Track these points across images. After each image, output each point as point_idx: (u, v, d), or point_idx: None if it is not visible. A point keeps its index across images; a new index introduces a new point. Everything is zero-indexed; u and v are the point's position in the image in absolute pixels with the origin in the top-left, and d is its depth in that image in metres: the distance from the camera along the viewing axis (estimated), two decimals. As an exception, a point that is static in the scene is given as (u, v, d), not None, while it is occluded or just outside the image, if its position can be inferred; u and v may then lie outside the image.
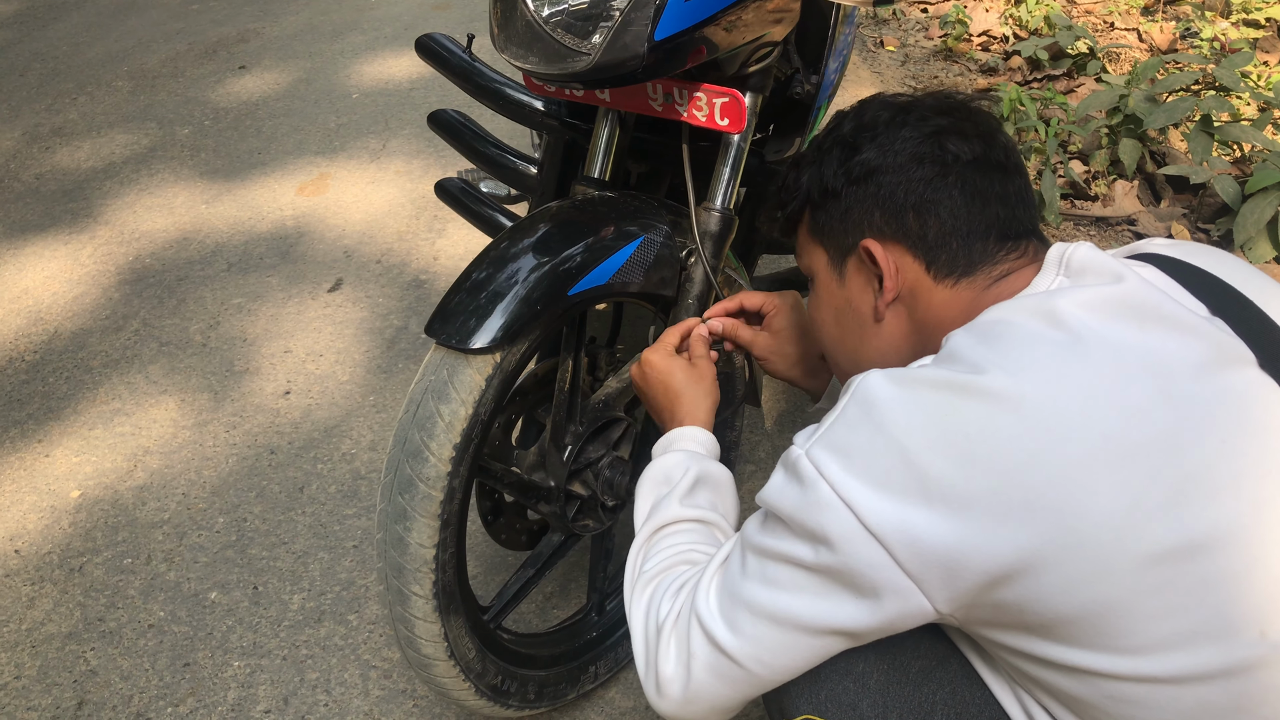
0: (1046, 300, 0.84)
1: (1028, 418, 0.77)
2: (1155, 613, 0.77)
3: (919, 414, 0.80)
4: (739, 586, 0.89)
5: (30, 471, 2.16)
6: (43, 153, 3.54)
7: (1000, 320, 0.85)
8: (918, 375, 0.83)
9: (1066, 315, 0.82)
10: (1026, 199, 1.01)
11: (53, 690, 1.70)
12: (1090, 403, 0.78)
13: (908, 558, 0.79)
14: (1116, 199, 2.97)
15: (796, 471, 0.84)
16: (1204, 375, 0.80)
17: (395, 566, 1.25)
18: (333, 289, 2.70)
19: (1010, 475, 0.77)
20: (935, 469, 0.78)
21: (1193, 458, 0.77)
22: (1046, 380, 0.79)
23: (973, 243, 0.97)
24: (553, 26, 1.17)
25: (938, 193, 0.98)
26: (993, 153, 0.99)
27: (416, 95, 3.82)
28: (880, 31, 4.44)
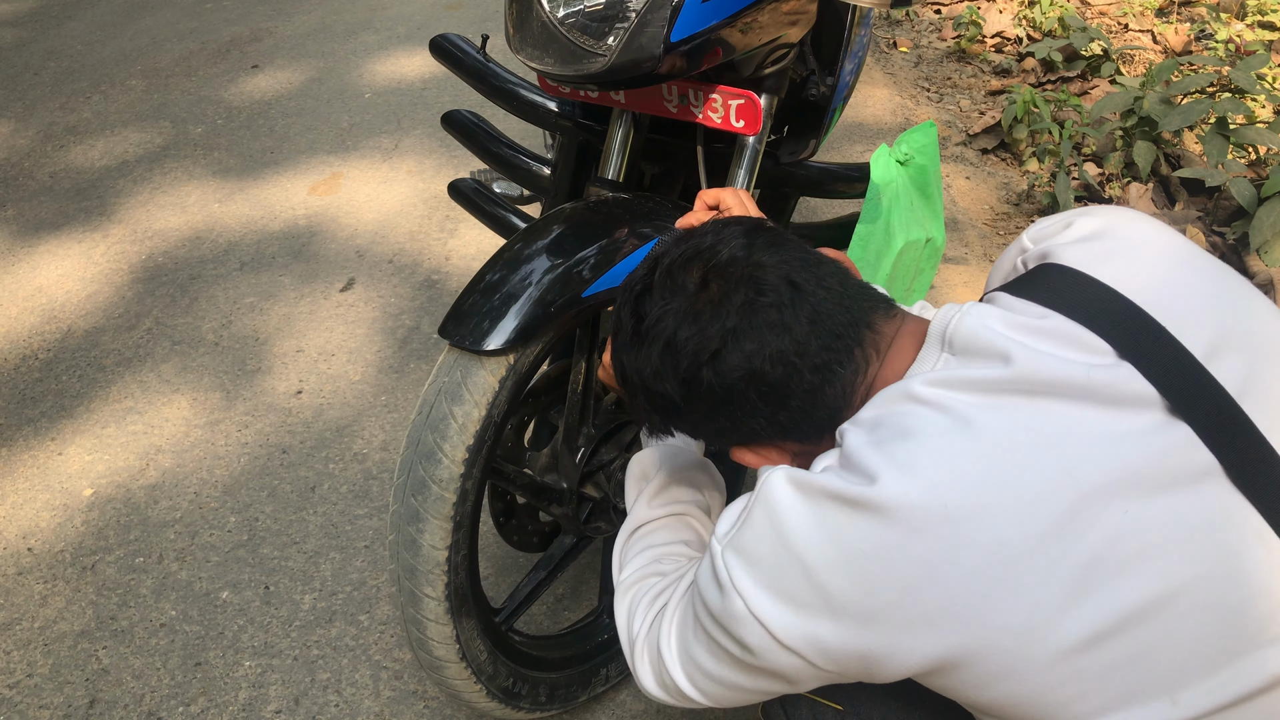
0: (931, 388, 0.81)
1: (921, 532, 0.76)
2: (1069, 698, 0.77)
3: (818, 530, 0.79)
4: (691, 647, 0.93)
5: (44, 470, 2.16)
6: (57, 151, 3.55)
7: (891, 413, 0.82)
8: (818, 485, 0.80)
9: (953, 404, 0.80)
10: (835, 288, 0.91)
11: (65, 689, 1.70)
12: (982, 501, 0.76)
13: (824, 663, 0.81)
14: (1131, 201, 2.96)
15: (714, 571, 0.85)
16: (1105, 442, 0.77)
17: (408, 568, 1.25)
18: (345, 288, 2.71)
19: (909, 593, 0.77)
20: (836, 586, 0.78)
21: (1094, 536, 0.75)
22: (936, 484, 0.77)
23: (816, 406, 0.91)
24: (568, 28, 1.17)
25: (748, 399, 0.91)
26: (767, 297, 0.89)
27: (429, 95, 3.82)
28: (894, 33, 4.43)
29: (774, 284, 0.89)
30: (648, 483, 1.18)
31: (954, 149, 3.38)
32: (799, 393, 0.89)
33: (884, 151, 1.69)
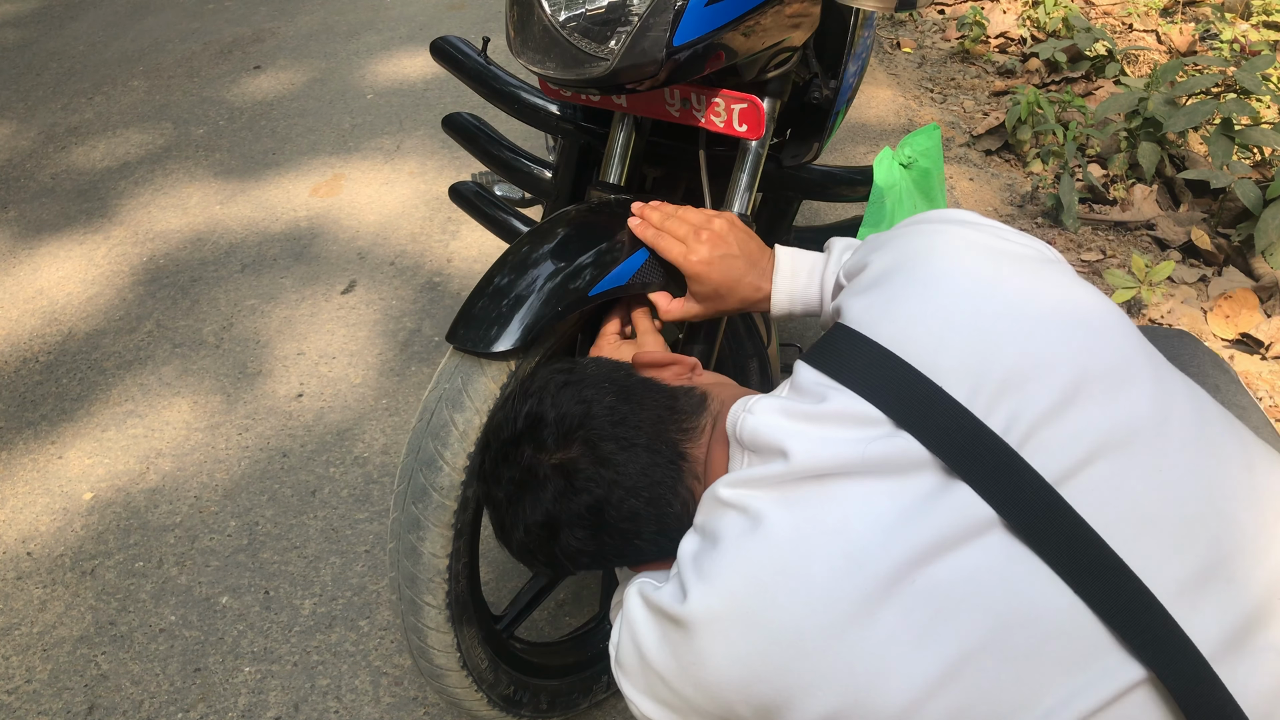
0: (730, 489, 0.87)
1: (728, 635, 0.82)
2: None
3: (662, 647, 0.87)
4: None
5: (43, 473, 2.16)
6: (58, 152, 3.55)
7: (706, 519, 0.89)
8: (656, 603, 0.88)
9: (749, 502, 0.85)
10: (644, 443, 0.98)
11: (63, 694, 1.70)
12: (777, 599, 0.80)
13: None
14: (1135, 203, 2.95)
15: (614, 674, 0.96)
16: (889, 517, 0.80)
17: (408, 576, 1.24)
18: (346, 291, 2.70)
19: (745, 690, 0.82)
20: (688, 693, 0.86)
21: (888, 615, 0.78)
22: (735, 591, 0.82)
23: (664, 536, 0.99)
24: (570, 31, 1.15)
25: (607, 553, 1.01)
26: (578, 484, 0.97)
27: (431, 96, 3.81)
28: (897, 33, 4.41)
29: (583, 469, 0.96)
30: None
31: (958, 150, 3.37)
32: (642, 538, 0.98)
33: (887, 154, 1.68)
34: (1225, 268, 2.67)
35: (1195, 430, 0.81)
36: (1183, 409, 0.82)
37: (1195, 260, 2.76)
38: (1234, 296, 2.49)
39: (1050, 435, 0.79)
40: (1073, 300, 0.87)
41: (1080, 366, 0.81)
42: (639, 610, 0.90)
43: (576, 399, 0.98)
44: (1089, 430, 0.79)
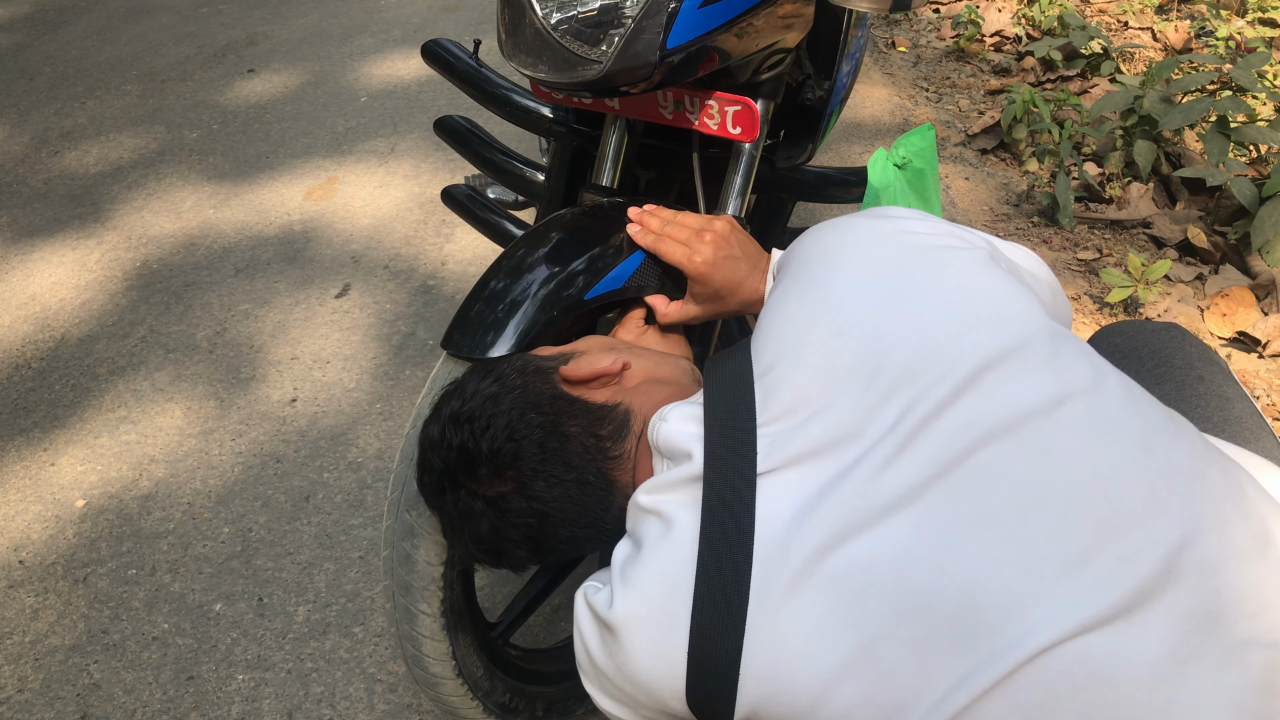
0: (647, 495, 0.92)
1: (654, 637, 0.87)
2: None
3: (601, 651, 0.92)
4: None
5: (36, 480, 2.14)
6: (51, 157, 3.53)
7: (632, 525, 0.94)
8: (596, 609, 0.92)
9: (663, 506, 0.90)
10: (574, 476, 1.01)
11: (56, 704, 1.68)
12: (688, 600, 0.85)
13: None
14: (1131, 201, 2.94)
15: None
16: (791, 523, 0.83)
17: (403, 584, 1.23)
18: (340, 294, 2.69)
19: (668, 692, 0.88)
20: (629, 689, 0.90)
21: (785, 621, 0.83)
22: (652, 594, 0.87)
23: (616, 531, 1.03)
24: (562, 34, 1.14)
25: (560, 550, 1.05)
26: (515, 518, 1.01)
27: (425, 98, 3.80)
28: (892, 32, 4.41)
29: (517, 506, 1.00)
30: None
31: (953, 149, 3.36)
32: (589, 546, 1.05)
33: (881, 155, 1.67)
34: (1222, 266, 2.66)
35: (1090, 414, 0.83)
36: (1080, 393, 0.83)
37: (1192, 258, 2.75)
38: (1230, 295, 2.49)
39: (943, 425, 0.82)
40: (975, 289, 0.89)
41: (975, 357, 0.84)
42: (584, 614, 0.94)
43: (507, 434, 0.99)
44: (980, 418, 0.82)
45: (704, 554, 0.85)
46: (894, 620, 0.79)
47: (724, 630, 0.83)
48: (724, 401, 0.92)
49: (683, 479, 0.90)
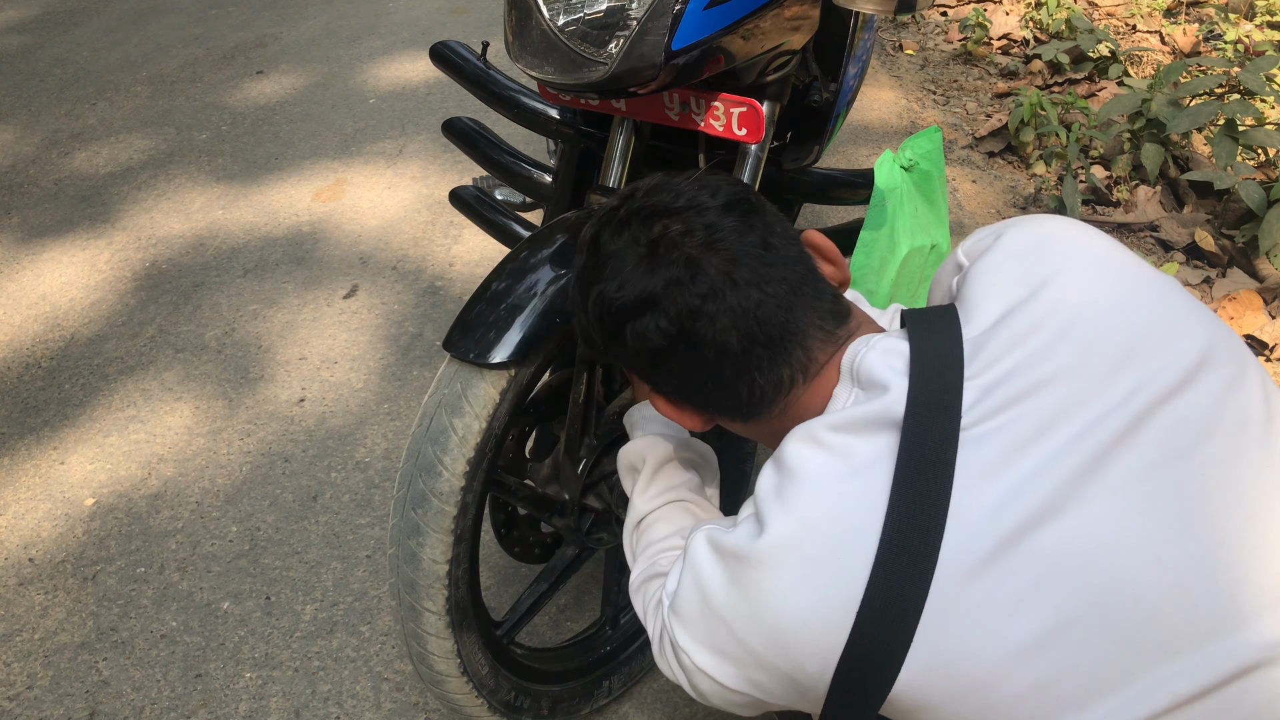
0: (832, 433, 0.84)
1: (819, 579, 0.80)
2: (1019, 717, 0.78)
3: (733, 591, 0.85)
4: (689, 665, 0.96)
5: (45, 479, 2.16)
6: (62, 158, 3.55)
7: (790, 454, 0.85)
8: (728, 546, 0.85)
9: (849, 447, 0.82)
10: (778, 295, 0.90)
11: (65, 701, 1.69)
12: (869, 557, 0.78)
13: (769, 697, 0.87)
14: (1139, 205, 2.94)
15: (663, 630, 0.95)
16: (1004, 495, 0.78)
17: (408, 582, 1.24)
18: (348, 295, 2.70)
19: (821, 640, 0.80)
20: (757, 642, 0.83)
21: (977, 592, 0.77)
22: (820, 526, 0.80)
23: (728, 396, 0.94)
24: (568, 36, 1.15)
25: (657, 356, 0.94)
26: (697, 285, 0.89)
27: (433, 100, 3.81)
28: (899, 35, 4.41)
29: (711, 275, 0.89)
30: (637, 474, 1.19)
31: (960, 152, 3.36)
32: (707, 376, 0.92)
33: (888, 157, 1.67)
34: (1229, 269, 2.66)
35: None
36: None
37: (1199, 262, 2.75)
38: (1238, 298, 2.48)
39: (1172, 411, 0.78)
40: (1179, 287, 0.88)
41: (1198, 349, 0.81)
42: (705, 554, 0.87)
43: (743, 223, 0.91)
44: (1211, 413, 0.79)
45: (894, 506, 0.78)
46: (1095, 607, 0.75)
47: (906, 590, 0.77)
48: (932, 348, 0.84)
49: (877, 419, 0.82)
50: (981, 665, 0.76)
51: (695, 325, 0.89)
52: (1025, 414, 0.79)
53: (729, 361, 0.91)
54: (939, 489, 0.77)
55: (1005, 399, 0.80)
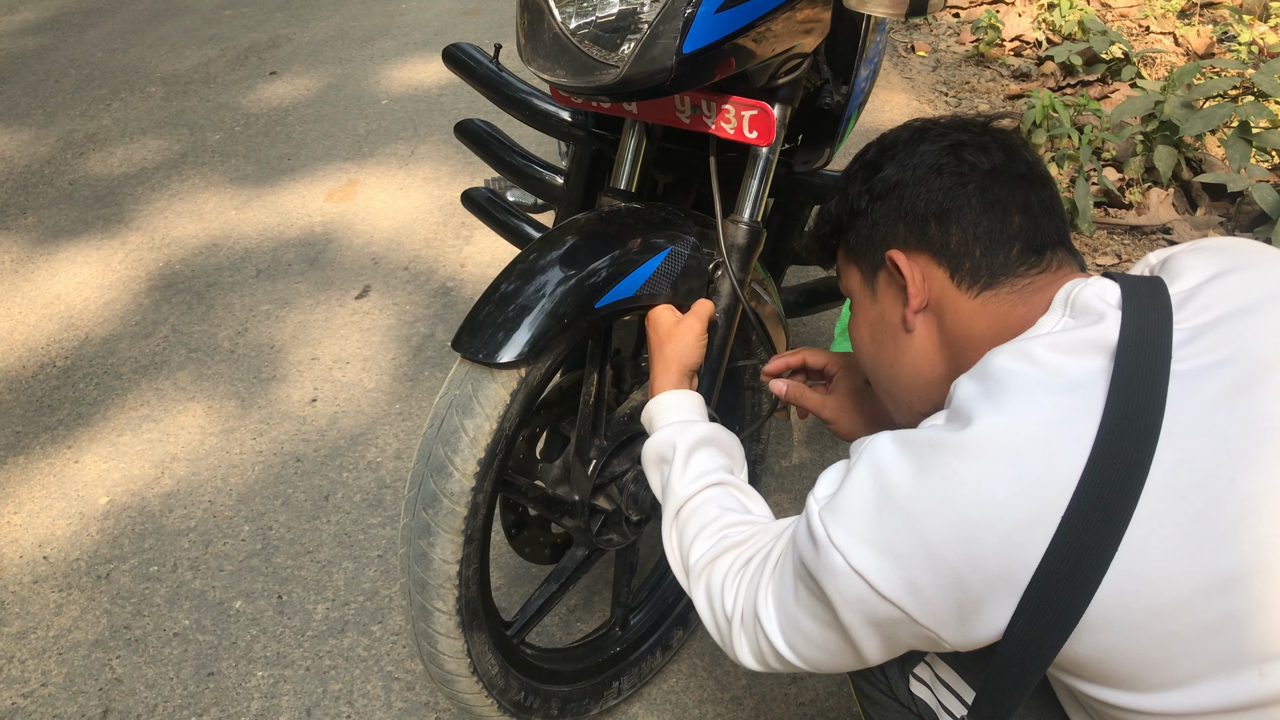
0: (1049, 352, 0.83)
1: (1024, 473, 0.77)
2: (1158, 661, 0.77)
3: (920, 479, 0.81)
4: (793, 610, 0.93)
5: (60, 478, 2.17)
6: (76, 158, 3.57)
7: (999, 367, 0.84)
8: (920, 438, 0.83)
9: (1064, 366, 0.82)
10: (1053, 210, 1.01)
11: (78, 698, 1.71)
12: (1081, 459, 0.77)
13: (921, 614, 0.81)
14: (1152, 207, 2.93)
15: (811, 531, 0.87)
16: (1205, 415, 0.77)
17: (419, 582, 1.24)
18: (360, 296, 2.71)
19: (1012, 538, 0.77)
20: (937, 534, 0.79)
21: (1195, 502, 0.75)
22: (1030, 420, 0.79)
23: (995, 252, 0.99)
24: (580, 39, 1.16)
25: (956, 201, 1.00)
26: (1014, 165, 1.01)
27: (445, 101, 3.82)
28: (911, 36, 4.40)
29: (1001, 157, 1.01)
30: (669, 464, 1.17)
31: (972, 154, 3.35)
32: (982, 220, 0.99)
33: None
34: (1242, 272, 2.65)
35: None
36: None
37: (1212, 264, 2.74)
38: (1251, 301, 2.47)
39: None
40: None
41: None
42: (889, 448, 0.84)
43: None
44: None
45: (1107, 418, 0.77)
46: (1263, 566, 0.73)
47: (1115, 498, 0.75)
48: (1142, 291, 0.86)
49: (1092, 342, 0.82)
50: (1177, 587, 0.74)
51: (991, 184, 0.99)
52: (1237, 358, 0.79)
53: (996, 179, 1.00)
54: (1152, 411, 0.77)
55: (1215, 342, 0.81)
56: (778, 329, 1.54)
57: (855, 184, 1.09)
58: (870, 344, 1.12)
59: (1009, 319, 0.97)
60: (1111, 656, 0.78)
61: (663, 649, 1.67)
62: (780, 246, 1.85)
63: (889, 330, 1.08)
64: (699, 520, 1.11)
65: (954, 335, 1.01)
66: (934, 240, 1.01)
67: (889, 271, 1.05)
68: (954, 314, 1.01)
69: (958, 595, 0.79)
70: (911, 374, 1.07)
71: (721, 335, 1.34)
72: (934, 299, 1.02)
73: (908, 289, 1.02)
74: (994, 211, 0.99)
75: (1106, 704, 0.81)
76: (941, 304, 1.01)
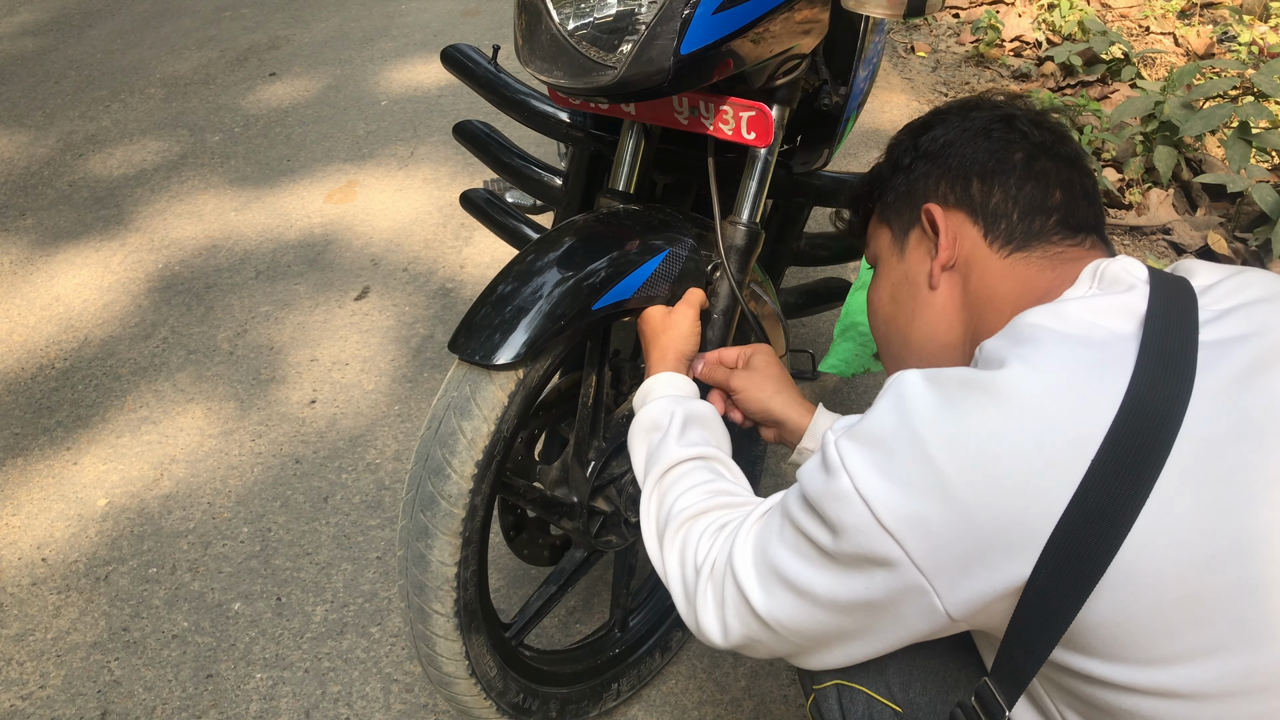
0: (1082, 314, 0.84)
1: (1049, 420, 0.76)
2: (1178, 624, 0.74)
3: (944, 411, 0.79)
4: (773, 550, 0.90)
5: (59, 479, 2.17)
6: (76, 160, 3.57)
7: (1030, 324, 0.84)
8: (950, 374, 0.82)
9: (1089, 318, 0.83)
10: (1093, 199, 1.03)
11: (77, 700, 1.70)
12: (1112, 408, 0.75)
13: (921, 554, 0.78)
14: (1151, 207, 2.93)
15: (825, 456, 0.85)
16: (1234, 382, 0.77)
17: (417, 584, 1.24)
18: (359, 297, 2.71)
19: (1034, 480, 0.75)
20: (953, 468, 0.76)
21: (1225, 461, 0.74)
22: (1070, 380, 0.77)
23: (1032, 218, 1.00)
24: (578, 40, 1.15)
25: (1002, 163, 1.03)
26: (1061, 146, 1.05)
27: (445, 102, 3.82)
28: (911, 37, 4.40)
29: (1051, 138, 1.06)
30: (661, 431, 1.15)
31: (972, 155, 3.35)
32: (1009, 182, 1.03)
33: None
34: (1242, 272, 2.65)
35: None
36: None
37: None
38: (1251, 301, 2.47)
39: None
40: None
41: None
42: (917, 382, 0.82)
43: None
44: None
45: (1140, 370, 0.77)
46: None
47: (1147, 444, 0.74)
48: (1165, 274, 0.88)
49: (1121, 308, 0.83)
50: (1205, 544, 0.73)
51: (1038, 156, 1.03)
52: (1262, 334, 0.80)
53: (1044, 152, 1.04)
54: (1183, 371, 0.77)
55: (1239, 321, 0.82)
56: (777, 330, 1.54)
57: (903, 143, 1.13)
58: (889, 305, 1.12)
59: (1036, 283, 0.97)
60: (1132, 618, 0.75)
61: (662, 650, 1.66)
62: (779, 248, 1.84)
63: (911, 288, 1.08)
64: (689, 481, 1.08)
65: (977, 295, 1.02)
66: (974, 199, 1.03)
67: (922, 228, 1.07)
68: (981, 273, 1.01)
69: (965, 538, 0.77)
70: (926, 335, 1.07)
71: (720, 337, 1.34)
72: (963, 257, 1.03)
73: (939, 241, 1.04)
74: (1037, 181, 1.02)
75: (1117, 685, 0.78)
76: (970, 263, 1.02)
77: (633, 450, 1.18)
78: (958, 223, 1.03)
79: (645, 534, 1.09)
